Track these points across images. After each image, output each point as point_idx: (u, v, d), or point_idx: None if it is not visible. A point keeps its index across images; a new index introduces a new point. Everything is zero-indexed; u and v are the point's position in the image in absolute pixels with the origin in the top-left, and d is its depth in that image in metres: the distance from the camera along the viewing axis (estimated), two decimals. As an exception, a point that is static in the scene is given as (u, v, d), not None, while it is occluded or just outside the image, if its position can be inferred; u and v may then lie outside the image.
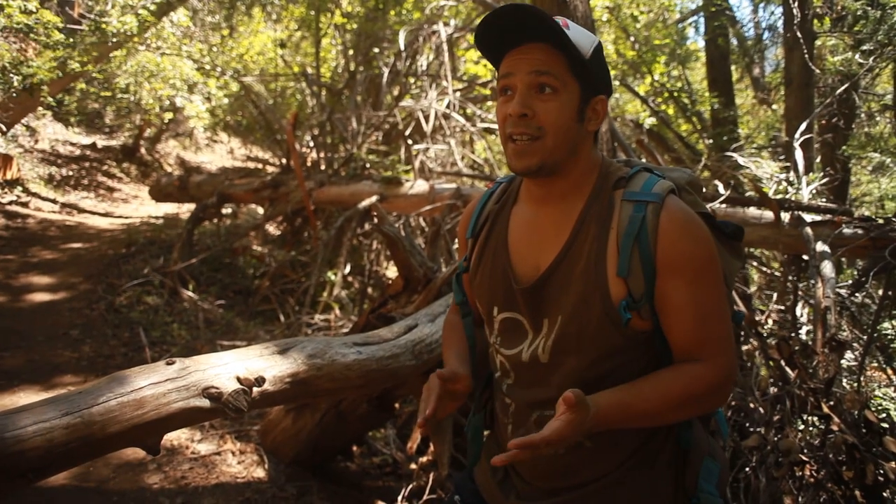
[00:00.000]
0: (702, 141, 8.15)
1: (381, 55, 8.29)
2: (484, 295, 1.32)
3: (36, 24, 5.33)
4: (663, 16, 9.69)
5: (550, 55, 1.12)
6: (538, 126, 1.13)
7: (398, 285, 2.90)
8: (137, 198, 10.33)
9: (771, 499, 2.43)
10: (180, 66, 8.24)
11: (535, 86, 1.13)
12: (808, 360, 2.78)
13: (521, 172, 1.19)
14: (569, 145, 1.16)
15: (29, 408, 1.32)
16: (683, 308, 1.13)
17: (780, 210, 3.67)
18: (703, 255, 1.12)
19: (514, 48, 1.16)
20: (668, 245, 1.11)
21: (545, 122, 1.13)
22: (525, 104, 1.13)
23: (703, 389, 1.13)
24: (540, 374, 1.22)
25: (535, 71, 1.12)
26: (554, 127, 1.13)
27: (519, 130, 1.14)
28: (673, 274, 1.12)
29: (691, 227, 1.13)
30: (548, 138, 1.14)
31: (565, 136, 1.15)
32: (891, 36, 4.35)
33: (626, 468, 1.20)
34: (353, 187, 6.02)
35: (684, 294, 1.12)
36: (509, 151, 1.17)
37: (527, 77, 1.13)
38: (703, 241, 1.13)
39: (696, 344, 1.14)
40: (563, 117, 1.14)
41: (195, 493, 2.83)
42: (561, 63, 1.13)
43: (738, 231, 1.30)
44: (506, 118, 1.16)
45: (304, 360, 1.85)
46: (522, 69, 1.13)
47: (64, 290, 5.34)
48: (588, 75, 1.16)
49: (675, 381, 1.13)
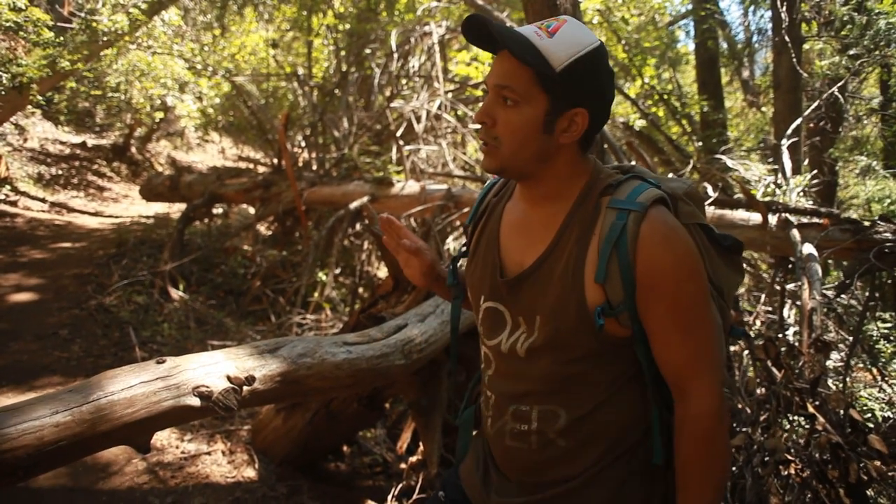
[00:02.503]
0: (691, 143, 8.20)
1: (372, 56, 8.30)
2: (475, 283, 1.34)
3: (25, 21, 5.29)
4: (654, 19, 9.74)
5: (516, 67, 1.12)
6: (494, 136, 1.16)
7: (388, 285, 2.91)
8: (128, 197, 10.27)
9: (757, 497, 2.45)
10: (171, 66, 8.21)
11: (499, 96, 1.15)
12: (794, 361, 2.81)
13: (484, 170, 1.25)
14: (532, 155, 1.17)
15: (19, 406, 1.33)
16: (664, 323, 1.13)
17: (768, 212, 3.70)
18: (682, 269, 1.12)
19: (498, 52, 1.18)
20: (647, 256, 1.11)
21: (501, 132, 1.16)
22: (486, 112, 1.16)
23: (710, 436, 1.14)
24: (517, 366, 1.24)
25: (497, 84, 1.15)
26: (509, 137, 1.15)
27: (481, 136, 1.20)
28: (652, 286, 1.11)
29: (671, 240, 1.12)
30: (503, 147, 1.16)
31: (524, 146, 1.16)
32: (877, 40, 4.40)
33: (599, 468, 1.21)
34: (344, 188, 6.02)
35: (664, 308, 1.12)
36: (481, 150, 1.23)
37: (493, 88, 1.16)
38: (683, 254, 1.12)
39: (682, 361, 1.15)
40: (521, 129, 1.14)
41: (185, 492, 2.83)
42: (525, 75, 1.12)
43: (738, 245, 1.29)
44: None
45: (294, 359, 1.86)
46: (490, 78, 1.16)
47: (53, 289, 5.32)
48: (558, 87, 1.13)
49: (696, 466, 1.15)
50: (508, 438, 1.26)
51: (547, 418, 1.22)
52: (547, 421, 1.22)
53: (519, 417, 1.24)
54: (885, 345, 3.42)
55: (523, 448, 1.25)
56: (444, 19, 8.07)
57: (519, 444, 1.25)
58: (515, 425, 1.25)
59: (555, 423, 1.21)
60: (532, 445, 1.23)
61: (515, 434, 1.25)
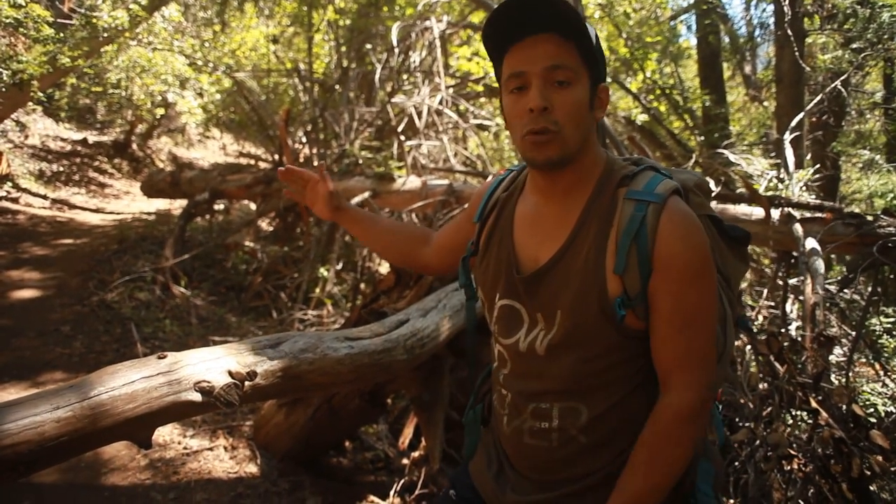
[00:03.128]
0: (693, 138, 8.17)
1: (373, 51, 8.27)
2: (488, 281, 1.32)
3: (25, 18, 5.27)
4: (655, 13, 9.70)
5: (561, 46, 1.11)
6: (555, 120, 1.13)
7: (390, 281, 2.91)
8: (129, 194, 10.28)
9: (760, 492, 2.45)
10: (172, 62, 8.19)
11: (551, 80, 1.12)
12: (797, 356, 2.80)
13: (541, 165, 1.18)
14: (582, 135, 1.16)
15: (20, 401, 1.32)
16: (668, 309, 1.13)
17: (771, 207, 3.69)
18: (697, 260, 1.12)
19: (521, 40, 1.14)
20: (665, 246, 1.11)
21: (562, 116, 1.13)
22: (545, 97, 1.12)
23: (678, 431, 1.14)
24: (536, 365, 1.22)
25: (550, 66, 1.11)
26: (571, 119, 1.13)
27: (539, 126, 1.13)
28: (665, 274, 1.12)
29: (689, 230, 1.13)
30: (565, 131, 1.13)
31: (579, 128, 1.15)
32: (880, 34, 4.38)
33: (619, 463, 1.20)
34: (345, 183, 6.01)
35: (672, 296, 1.12)
36: (528, 145, 1.15)
37: (542, 72, 1.12)
38: (699, 245, 1.13)
39: (673, 354, 1.14)
40: (579, 108, 1.14)
41: (187, 488, 2.83)
42: (572, 53, 1.12)
43: (745, 236, 1.31)
44: (522, 113, 1.15)
45: (296, 354, 1.86)
46: (536, 64, 1.12)
47: (55, 286, 5.32)
48: (595, 63, 1.16)
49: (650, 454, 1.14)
50: (527, 436, 1.25)
51: (568, 415, 1.21)
52: (568, 418, 1.21)
53: (539, 415, 1.23)
54: (888, 340, 3.41)
55: (543, 445, 1.23)
56: (444, 14, 8.04)
57: (539, 442, 1.24)
58: (535, 423, 1.24)
59: (577, 419, 1.20)
60: (553, 443, 1.22)
61: (535, 432, 1.24)
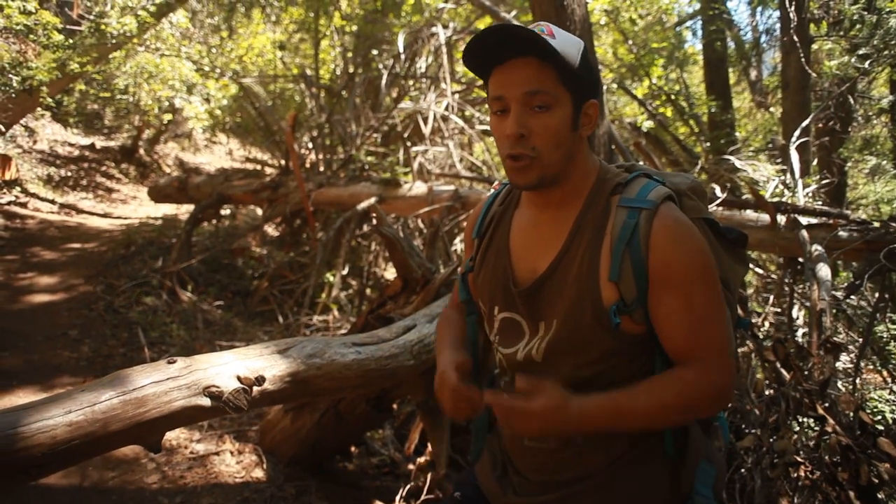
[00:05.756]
0: (699, 144, 8.17)
1: (380, 57, 8.31)
2: (486, 294, 1.34)
3: (35, 24, 5.33)
4: (661, 19, 9.71)
5: (539, 70, 1.12)
6: (532, 146, 1.14)
7: (397, 286, 2.92)
8: (136, 198, 10.32)
9: (766, 500, 2.44)
10: (179, 68, 8.25)
11: (528, 104, 1.13)
12: (803, 362, 2.79)
13: (522, 187, 1.22)
14: (563, 155, 1.17)
15: (32, 405, 1.34)
16: (674, 316, 1.14)
17: (777, 213, 3.69)
18: (694, 264, 1.13)
19: (502, 63, 1.15)
20: (660, 253, 1.12)
21: (539, 142, 1.14)
22: (521, 123, 1.13)
23: (696, 395, 1.14)
24: (535, 372, 1.23)
25: (527, 92, 1.12)
26: (549, 144, 1.14)
27: (517, 151, 1.14)
28: (665, 282, 1.13)
29: (683, 235, 1.14)
30: (543, 156, 1.15)
31: (560, 149, 1.16)
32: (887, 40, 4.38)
33: (620, 465, 1.22)
34: (351, 189, 6.03)
35: (675, 302, 1.13)
36: (508, 168, 1.18)
37: (521, 97, 1.13)
38: (695, 249, 1.14)
39: (689, 349, 1.15)
40: (558, 132, 1.14)
41: (194, 492, 2.84)
42: (551, 76, 1.12)
43: (742, 237, 1.31)
44: (503, 136, 1.16)
45: (304, 359, 1.87)
46: (514, 89, 1.13)
47: (63, 290, 5.35)
48: (578, 83, 1.16)
49: (669, 388, 1.14)
50: (527, 439, 1.28)
51: None
52: None
53: None
54: (895, 346, 3.39)
55: (543, 447, 1.26)
56: (450, 20, 8.07)
57: (538, 444, 1.26)
58: None
59: None
60: (552, 445, 1.25)
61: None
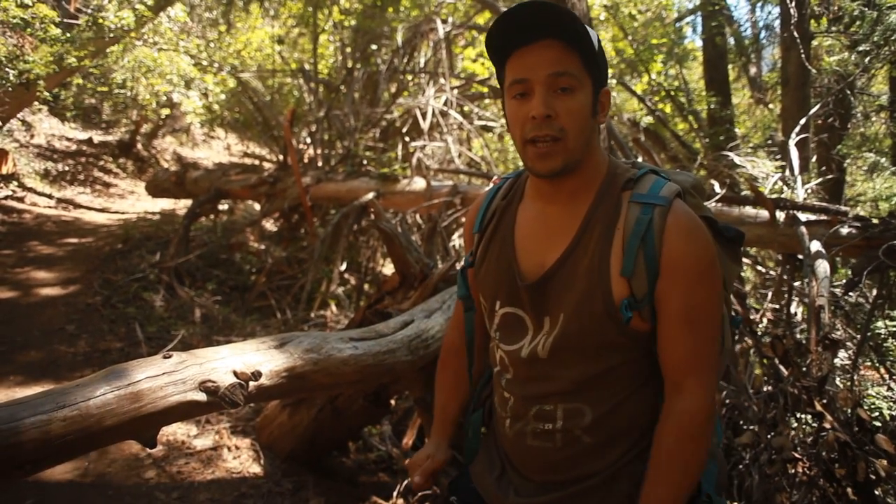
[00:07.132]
0: (698, 140, 8.15)
1: (378, 52, 8.28)
2: (487, 289, 1.32)
3: (32, 18, 5.30)
4: (661, 15, 9.69)
5: (564, 53, 1.12)
6: (560, 127, 1.13)
7: (394, 281, 2.91)
8: (134, 193, 10.30)
9: (764, 495, 2.45)
10: (177, 62, 8.21)
11: (553, 87, 1.12)
12: (801, 359, 2.80)
13: (544, 174, 1.17)
14: (585, 141, 1.17)
15: (26, 400, 1.33)
16: (677, 308, 1.14)
17: (776, 209, 3.68)
18: (704, 260, 1.14)
19: (523, 46, 1.13)
20: (673, 247, 1.13)
21: (566, 123, 1.13)
22: (548, 105, 1.12)
23: (694, 430, 1.15)
24: (540, 369, 1.23)
25: (553, 73, 1.11)
26: (575, 126, 1.14)
27: (543, 133, 1.13)
28: (674, 275, 1.13)
29: (696, 232, 1.15)
30: (569, 139, 1.13)
31: (584, 133, 1.16)
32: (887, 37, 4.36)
33: (623, 463, 1.21)
34: (350, 184, 6.02)
35: (680, 296, 1.13)
36: (530, 154, 1.15)
37: (546, 79, 1.12)
38: (705, 246, 1.15)
39: (683, 355, 1.15)
40: (582, 115, 1.14)
41: (191, 487, 2.84)
42: (575, 60, 1.12)
43: (739, 236, 1.32)
44: (525, 121, 1.14)
45: (301, 354, 1.86)
46: (540, 71, 1.12)
47: (60, 285, 5.34)
48: (597, 69, 1.17)
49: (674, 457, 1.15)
50: (531, 438, 1.25)
51: (573, 416, 1.21)
52: (573, 419, 1.21)
53: (542, 417, 1.24)
54: (894, 343, 3.39)
55: (547, 447, 1.24)
56: (449, 15, 8.04)
57: (542, 444, 1.24)
58: (538, 425, 1.24)
59: (581, 420, 1.21)
60: (557, 444, 1.23)
61: (538, 433, 1.24)
